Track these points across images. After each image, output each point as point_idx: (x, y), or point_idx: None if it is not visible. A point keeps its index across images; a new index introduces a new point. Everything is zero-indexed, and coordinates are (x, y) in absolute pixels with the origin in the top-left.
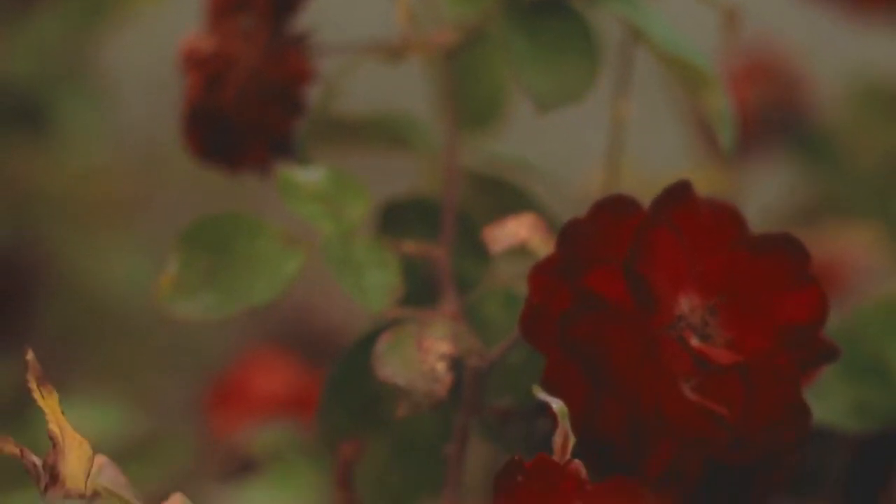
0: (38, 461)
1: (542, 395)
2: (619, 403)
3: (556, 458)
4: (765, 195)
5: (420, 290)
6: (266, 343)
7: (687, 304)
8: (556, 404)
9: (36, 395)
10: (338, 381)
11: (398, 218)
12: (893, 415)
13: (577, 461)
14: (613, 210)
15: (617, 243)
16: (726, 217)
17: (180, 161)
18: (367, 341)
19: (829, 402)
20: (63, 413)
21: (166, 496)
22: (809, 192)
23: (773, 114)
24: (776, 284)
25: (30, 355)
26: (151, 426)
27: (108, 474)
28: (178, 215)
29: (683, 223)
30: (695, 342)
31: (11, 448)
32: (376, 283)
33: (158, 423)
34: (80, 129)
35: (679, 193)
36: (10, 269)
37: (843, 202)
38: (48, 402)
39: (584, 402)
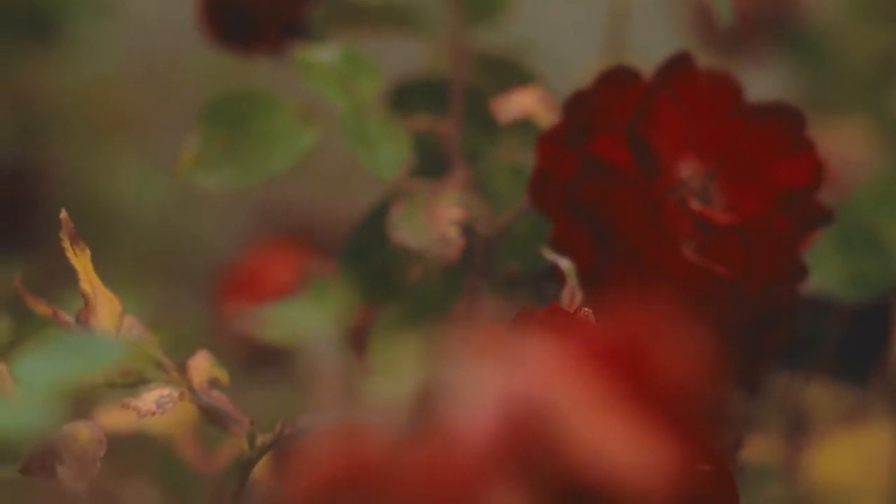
0: (70, 319)
1: (551, 256)
2: (624, 264)
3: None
4: (756, 93)
5: (431, 166)
6: (274, 237)
7: (687, 169)
8: (564, 263)
9: (69, 253)
10: (353, 249)
11: (408, 97)
12: (886, 285)
13: (587, 309)
14: (617, 80)
15: (620, 111)
16: (725, 87)
17: (188, 72)
18: (381, 211)
19: (824, 272)
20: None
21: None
22: (801, 90)
23: (764, 13)
24: (773, 150)
25: (63, 214)
26: (163, 315)
27: (136, 332)
28: (185, 125)
29: (683, 92)
30: (695, 205)
31: (44, 308)
32: (389, 154)
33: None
34: (89, 40)
35: (679, 64)
36: (18, 179)
37: (834, 99)
38: (81, 261)
39: (590, 263)
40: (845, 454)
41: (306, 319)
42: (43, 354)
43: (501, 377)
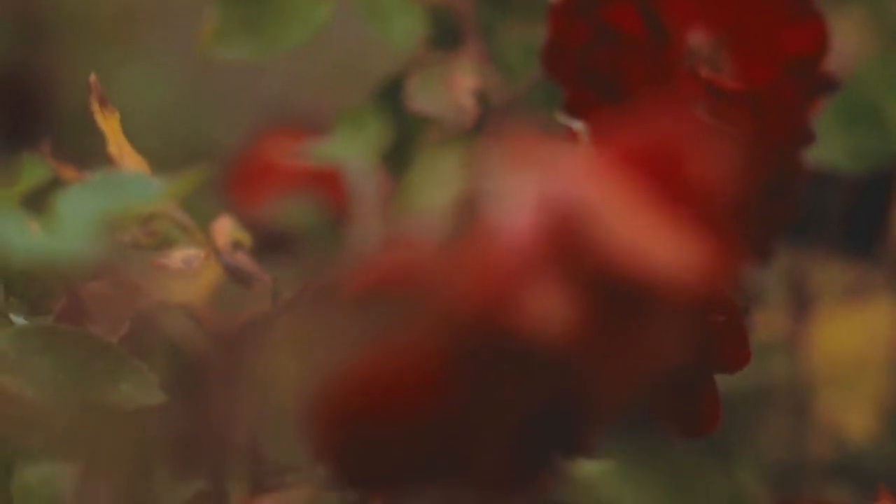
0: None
1: (563, 119)
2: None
3: None
4: None
5: (445, 39)
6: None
7: (696, 38)
8: (577, 124)
9: (98, 116)
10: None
11: None
12: (887, 158)
13: None
14: None
15: None
16: None
17: None
18: (397, 82)
19: (827, 146)
20: None
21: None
22: None
23: None
24: (780, 18)
25: (92, 77)
26: None
27: None
28: (189, 30)
29: None
30: (705, 72)
31: (71, 172)
32: (403, 26)
33: None
34: None
35: None
36: (22, 83)
37: None
38: (109, 123)
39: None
40: (848, 329)
41: (346, 149)
42: (83, 191)
43: (539, 182)
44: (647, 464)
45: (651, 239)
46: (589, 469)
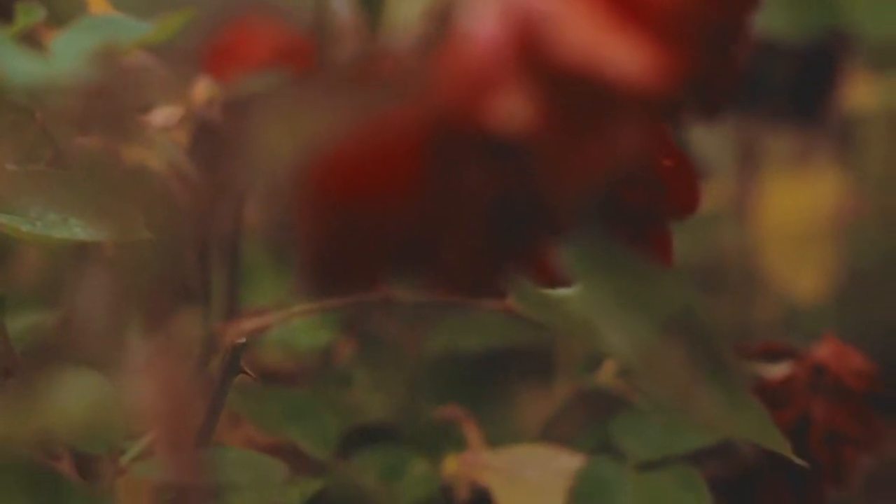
0: None
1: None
2: None
3: None
4: None
5: None
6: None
7: None
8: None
9: None
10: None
11: None
12: (828, 26)
13: None
14: None
15: None
16: None
17: None
18: None
19: (771, 14)
20: None
21: None
22: None
23: None
24: None
25: None
26: None
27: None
28: None
29: None
30: None
31: (55, 33)
32: None
33: None
34: None
35: None
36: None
37: None
38: None
39: None
40: (795, 195)
41: None
42: (76, 30)
43: None
44: (609, 283)
45: (607, 42)
46: (555, 292)
